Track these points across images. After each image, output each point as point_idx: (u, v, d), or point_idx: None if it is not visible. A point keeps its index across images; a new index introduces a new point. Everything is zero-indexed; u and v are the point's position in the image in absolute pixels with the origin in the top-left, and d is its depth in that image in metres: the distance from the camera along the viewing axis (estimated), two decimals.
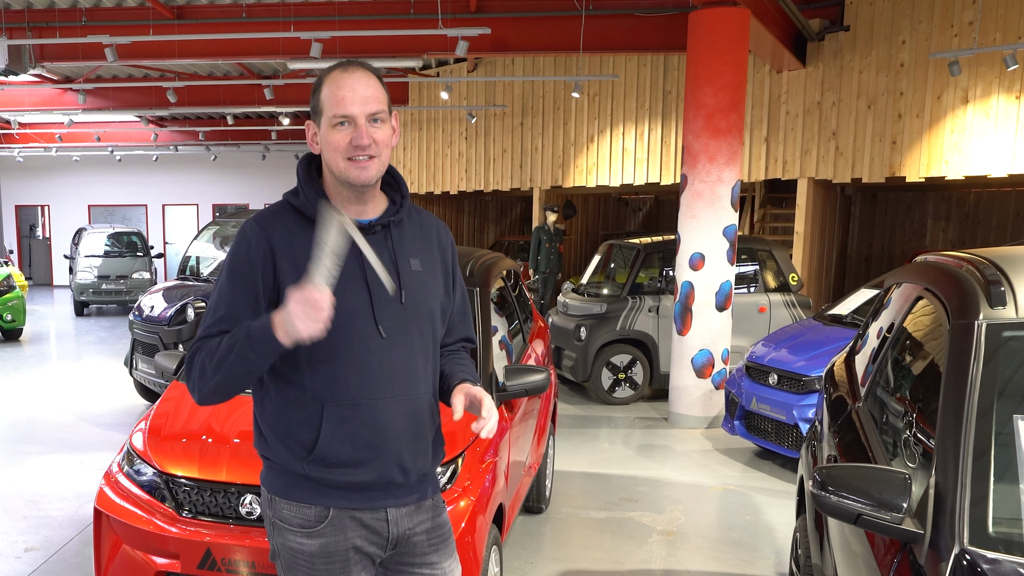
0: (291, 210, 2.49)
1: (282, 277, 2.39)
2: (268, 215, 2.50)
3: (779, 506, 6.66)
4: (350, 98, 2.37)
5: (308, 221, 2.43)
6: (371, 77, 2.43)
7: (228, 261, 2.46)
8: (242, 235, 2.46)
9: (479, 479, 4.05)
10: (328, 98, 2.40)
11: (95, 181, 28.20)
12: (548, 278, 14.33)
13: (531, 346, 6.30)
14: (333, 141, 2.39)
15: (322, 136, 2.43)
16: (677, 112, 13.83)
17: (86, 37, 11.45)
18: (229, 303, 2.41)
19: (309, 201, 2.45)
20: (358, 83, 2.39)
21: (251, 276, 2.40)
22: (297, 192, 2.51)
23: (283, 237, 2.43)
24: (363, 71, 2.42)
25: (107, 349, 14.54)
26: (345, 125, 2.38)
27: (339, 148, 2.39)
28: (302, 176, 2.52)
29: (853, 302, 8.31)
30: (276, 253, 2.41)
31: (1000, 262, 2.90)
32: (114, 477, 4.26)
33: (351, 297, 2.41)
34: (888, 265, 16.79)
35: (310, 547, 2.48)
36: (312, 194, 2.46)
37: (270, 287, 2.41)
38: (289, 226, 2.45)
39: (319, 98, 2.42)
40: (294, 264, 2.39)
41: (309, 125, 2.50)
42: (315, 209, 2.41)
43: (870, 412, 3.49)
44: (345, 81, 2.39)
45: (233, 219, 12.91)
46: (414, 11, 12.01)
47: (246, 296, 2.40)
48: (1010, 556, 2.13)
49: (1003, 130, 10.33)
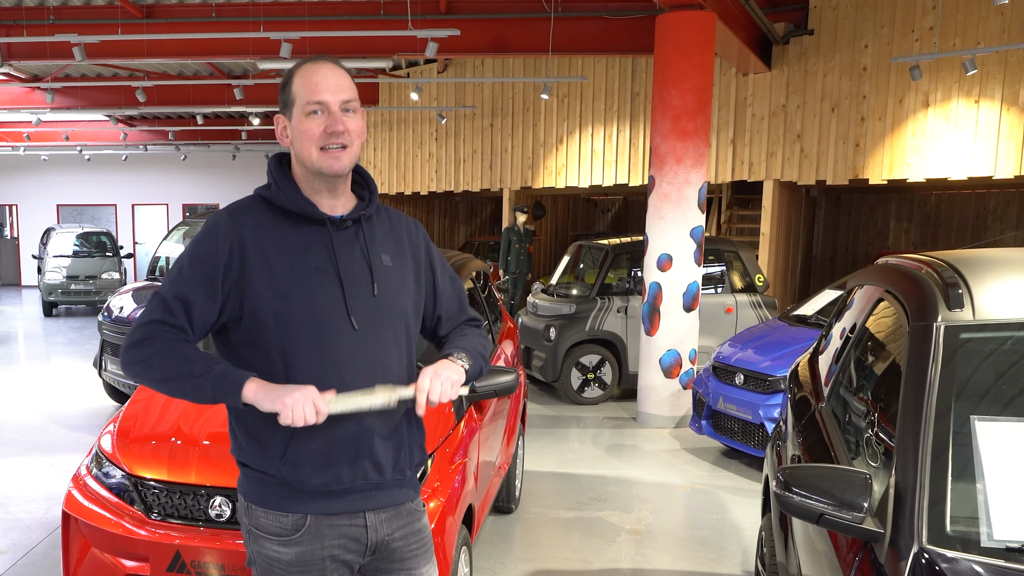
0: (263, 203, 2.48)
1: (251, 270, 2.37)
2: (240, 208, 2.48)
3: (745, 505, 6.74)
4: (324, 85, 2.38)
5: (280, 212, 2.44)
6: (341, 69, 2.45)
7: (193, 247, 2.42)
8: (212, 225, 2.43)
9: (448, 480, 4.07)
10: (300, 87, 2.40)
11: (64, 181, 27.90)
12: (518, 279, 14.35)
13: (500, 347, 6.33)
14: (307, 130, 2.39)
15: (294, 127, 2.43)
16: (645, 114, 13.91)
17: (54, 36, 11.33)
18: (187, 288, 2.37)
19: (283, 192, 2.44)
20: (330, 72, 2.41)
21: (213, 266, 2.37)
22: (269, 185, 2.49)
23: (254, 230, 2.41)
24: (332, 63, 2.44)
25: (76, 350, 14.39)
26: (319, 113, 2.39)
27: (313, 136, 2.39)
28: (274, 170, 2.50)
29: (817, 303, 8.41)
30: (246, 246, 2.38)
31: (958, 265, 2.96)
32: (82, 480, 4.24)
33: (322, 291, 2.40)
34: (852, 266, 16.99)
35: (286, 555, 2.47)
36: (287, 187, 2.45)
37: (234, 279, 2.37)
38: (260, 219, 2.44)
39: (290, 90, 2.43)
40: (264, 257, 2.38)
41: (279, 119, 2.49)
42: (290, 200, 2.43)
43: (833, 412, 3.54)
44: (317, 70, 2.40)
45: (203, 219, 12.82)
46: (384, 12, 12.00)
47: (204, 285, 2.36)
48: (967, 555, 2.16)
49: (963, 133, 10.50)
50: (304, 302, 2.38)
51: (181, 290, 2.37)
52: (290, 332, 2.38)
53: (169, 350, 2.32)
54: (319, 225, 2.45)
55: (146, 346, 2.33)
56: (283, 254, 2.40)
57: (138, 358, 2.34)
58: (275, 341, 2.38)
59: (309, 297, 2.39)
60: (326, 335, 2.40)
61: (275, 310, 2.37)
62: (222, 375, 2.29)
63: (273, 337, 2.39)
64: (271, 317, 2.38)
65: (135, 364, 2.35)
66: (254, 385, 2.29)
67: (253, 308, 2.38)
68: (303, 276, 2.40)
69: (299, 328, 2.38)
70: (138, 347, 2.34)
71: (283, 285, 2.38)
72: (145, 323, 2.36)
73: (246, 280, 2.37)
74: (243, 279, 2.38)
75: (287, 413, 2.25)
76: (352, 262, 2.46)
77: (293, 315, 2.38)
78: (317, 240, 2.44)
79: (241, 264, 2.38)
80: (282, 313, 2.37)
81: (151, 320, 2.36)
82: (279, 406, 2.26)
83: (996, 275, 2.85)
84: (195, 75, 17.45)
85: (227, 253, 2.37)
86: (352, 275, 2.44)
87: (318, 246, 2.44)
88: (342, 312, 2.42)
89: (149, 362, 2.33)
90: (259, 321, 2.38)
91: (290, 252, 2.41)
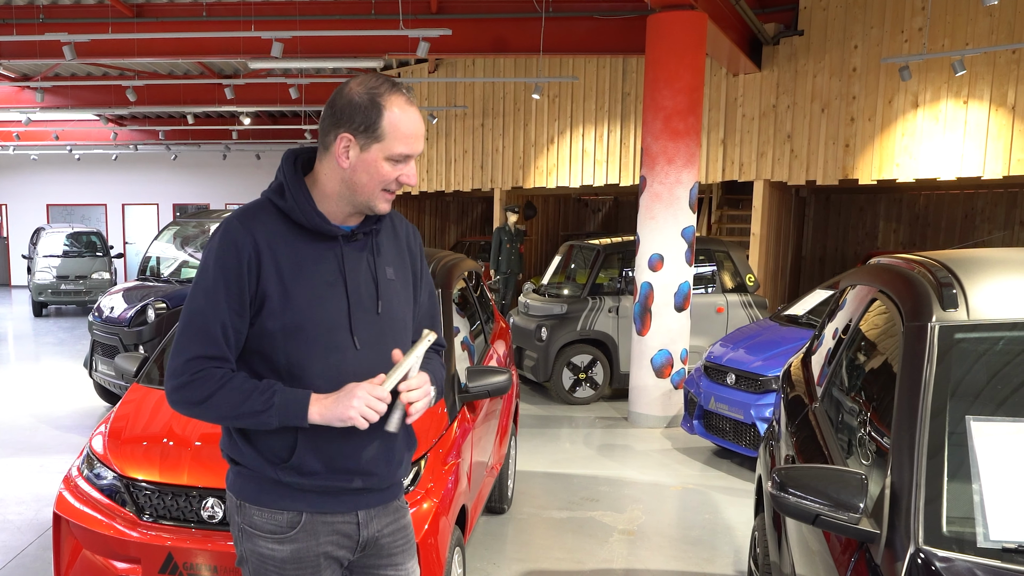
0: (274, 210, 2.41)
1: (264, 281, 2.34)
2: (250, 213, 2.41)
3: (737, 505, 6.75)
4: (415, 137, 2.34)
5: (292, 225, 2.39)
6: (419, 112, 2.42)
7: (215, 262, 2.34)
8: (226, 234, 2.36)
9: (442, 481, 4.07)
10: (392, 130, 2.31)
11: (54, 180, 27.81)
12: (509, 279, 14.35)
13: (493, 347, 6.33)
14: (382, 172, 2.34)
15: (366, 160, 2.33)
16: (636, 114, 13.93)
17: (44, 35, 11.27)
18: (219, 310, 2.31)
19: (299, 207, 2.38)
20: (419, 120, 2.36)
21: (238, 281, 2.32)
22: (282, 192, 2.41)
23: (266, 238, 2.35)
24: (416, 104, 2.38)
25: (66, 350, 14.33)
26: (399, 163, 2.35)
27: (385, 180, 2.35)
28: (289, 176, 2.42)
29: (808, 303, 8.43)
30: (261, 254, 2.34)
31: (952, 265, 2.97)
32: (74, 481, 4.22)
33: (330, 307, 2.39)
34: (841, 266, 17.05)
35: (281, 553, 2.46)
36: (303, 201, 2.38)
37: (253, 289, 2.34)
38: (271, 227, 2.38)
39: (380, 124, 2.30)
40: (277, 268, 2.34)
41: (343, 138, 2.33)
42: (305, 216, 2.37)
43: (826, 412, 3.55)
44: (411, 116, 2.33)
45: (194, 219, 12.77)
46: (375, 12, 11.98)
47: (234, 303, 2.32)
48: (963, 555, 2.16)
49: (952, 133, 10.54)
50: (313, 317, 2.37)
51: (214, 313, 2.33)
52: (296, 345, 2.37)
53: (221, 390, 2.32)
54: (331, 239, 2.42)
55: (195, 389, 2.33)
56: (295, 266, 2.37)
57: (191, 401, 2.34)
58: (281, 354, 2.37)
59: (319, 312, 2.37)
60: (330, 351, 2.39)
61: (283, 323, 2.35)
62: (283, 407, 2.31)
63: (280, 350, 2.37)
64: (279, 329, 2.36)
65: (187, 406, 2.36)
66: (317, 407, 2.31)
67: (263, 319, 2.36)
68: (313, 291, 2.38)
69: (306, 342, 2.36)
70: (186, 390, 2.33)
71: (294, 299, 2.36)
72: (187, 360, 2.33)
73: (260, 289, 2.35)
74: (259, 288, 2.35)
75: (361, 423, 2.29)
76: (359, 277, 2.44)
77: (301, 330, 2.36)
78: (328, 253, 2.41)
79: (257, 272, 2.34)
80: (290, 327, 2.36)
81: (192, 357, 2.33)
82: (349, 422, 2.29)
83: (990, 275, 2.86)
84: (186, 74, 17.40)
85: (246, 261, 2.33)
86: (358, 292, 2.42)
87: (329, 260, 2.41)
88: (346, 330, 2.41)
89: (204, 405, 2.33)
90: (266, 332, 2.36)
91: (302, 264, 2.38)
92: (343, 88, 2.36)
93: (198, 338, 2.33)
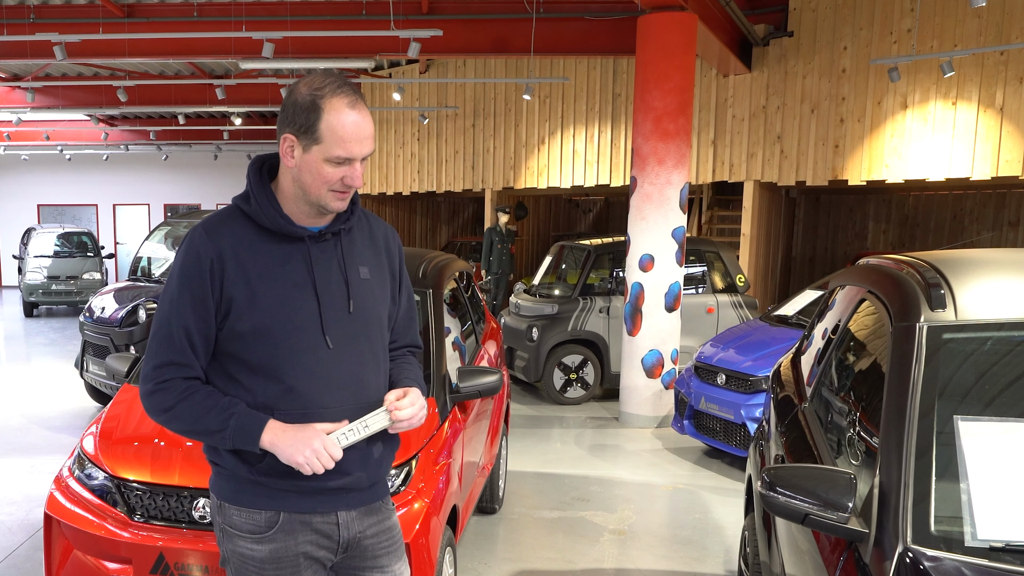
0: (241, 216, 2.45)
1: (230, 287, 2.36)
2: (216, 222, 2.44)
3: (728, 504, 6.77)
4: (356, 141, 2.32)
5: (259, 229, 2.42)
6: (368, 112, 2.38)
7: (178, 272, 2.40)
8: (190, 244, 2.40)
9: (433, 481, 4.08)
10: (331, 133, 2.30)
11: (44, 180, 27.73)
12: (500, 279, 14.36)
13: (484, 347, 6.33)
14: (324, 174, 2.34)
15: (308, 162, 2.34)
16: (627, 115, 13.94)
17: (34, 34, 11.26)
18: (183, 316, 2.37)
19: (263, 211, 2.41)
20: (363, 122, 2.33)
21: (201, 287, 2.36)
22: (248, 197, 2.45)
23: (232, 245, 2.39)
24: (363, 105, 2.36)
25: (57, 351, 14.29)
26: (341, 165, 2.34)
27: (329, 181, 2.35)
28: (254, 181, 2.45)
29: (798, 303, 8.46)
30: (225, 262, 2.37)
31: (940, 265, 2.98)
32: (65, 481, 4.21)
33: (300, 307, 2.41)
34: (831, 266, 17.09)
35: (260, 553, 2.48)
36: (267, 205, 2.41)
37: (218, 295, 2.37)
38: (239, 234, 2.41)
39: (318, 127, 2.30)
40: (243, 272, 2.37)
41: (288, 139, 2.35)
42: (269, 219, 2.40)
43: (816, 412, 3.56)
44: (351, 118, 2.31)
45: (185, 219, 12.77)
46: (366, 12, 11.98)
47: (198, 308, 2.37)
48: (952, 554, 2.17)
49: (940, 135, 10.59)
50: (282, 318, 2.39)
51: (179, 320, 2.38)
52: (268, 347, 2.40)
53: (183, 403, 2.38)
54: (298, 240, 2.45)
55: (160, 397, 2.40)
56: (262, 269, 2.40)
57: (158, 408, 2.42)
58: (254, 356, 2.40)
59: (287, 313, 2.39)
60: (302, 351, 2.42)
61: (252, 325, 2.38)
62: (238, 430, 2.36)
63: (252, 352, 2.40)
64: (249, 331, 2.38)
65: (156, 413, 2.43)
66: (270, 435, 2.36)
67: (232, 322, 2.39)
68: (281, 292, 2.40)
69: (276, 343, 2.39)
70: (154, 397, 2.41)
71: (261, 301, 2.38)
72: (155, 366, 2.40)
73: (226, 294, 2.37)
74: (224, 293, 2.37)
75: (306, 469, 2.35)
76: (329, 277, 2.46)
77: (271, 331, 2.39)
78: (296, 254, 2.44)
79: (221, 277, 2.37)
80: (260, 329, 2.38)
81: (160, 364, 2.39)
82: (294, 464, 2.35)
83: (978, 275, 2.88)
84: (177, 75, 17.36)
85: (208, 268, 2.36)
86: (329, 291, 2.44)
87: (296, 261, 2.43)
88: (318, 330, 2.43)
89: (169, 414, 2.41)
90: (236, 334, 2.39)
91: (269, 267, 2.40)
92: (293, 87, 2.38)
93: (164, 345, 2.40)
